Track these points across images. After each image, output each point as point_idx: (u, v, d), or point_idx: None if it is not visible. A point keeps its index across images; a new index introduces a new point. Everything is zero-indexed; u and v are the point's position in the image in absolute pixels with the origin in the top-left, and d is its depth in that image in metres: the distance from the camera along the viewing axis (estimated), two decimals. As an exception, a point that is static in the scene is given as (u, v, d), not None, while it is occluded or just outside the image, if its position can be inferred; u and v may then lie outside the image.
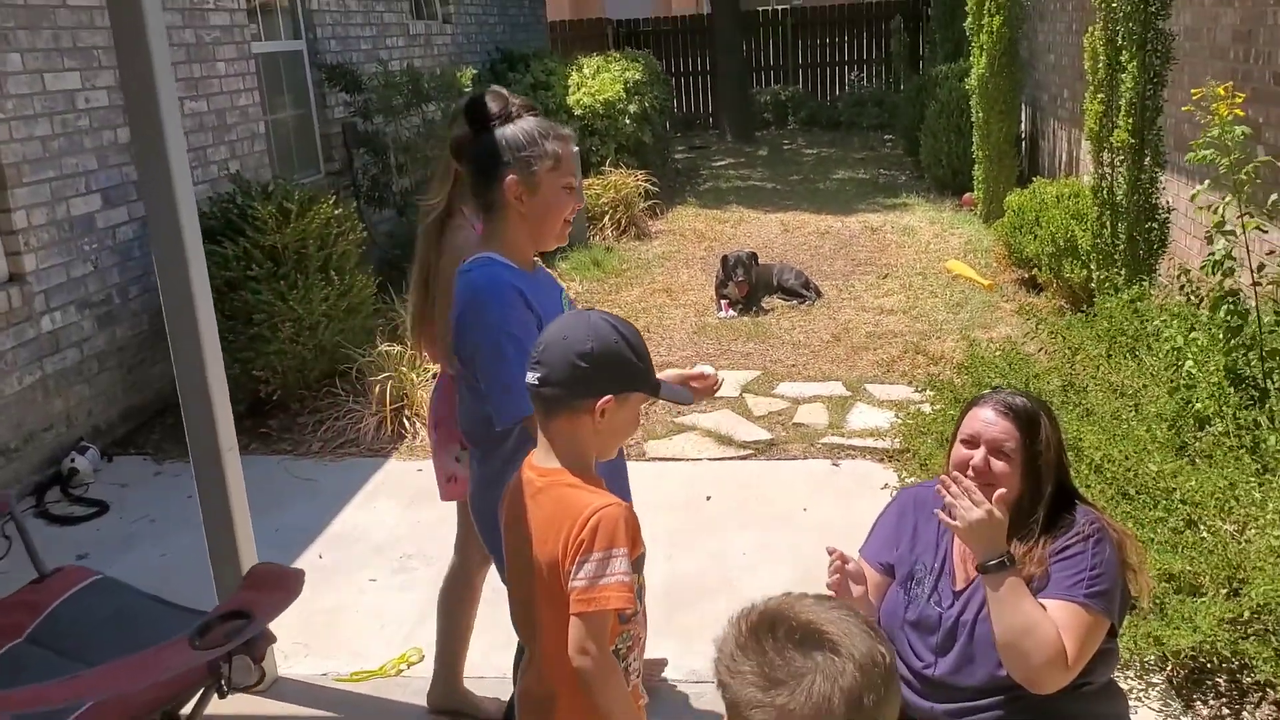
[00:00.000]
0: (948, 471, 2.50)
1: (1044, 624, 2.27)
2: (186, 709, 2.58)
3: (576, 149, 2.63)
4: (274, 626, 2.68)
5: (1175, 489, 3.60)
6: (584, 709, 1.97)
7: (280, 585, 2.54)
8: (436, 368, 6.07)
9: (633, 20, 19.40)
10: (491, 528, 2.39)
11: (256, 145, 7.41)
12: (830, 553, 2.45)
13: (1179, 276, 4.97)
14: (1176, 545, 3.37)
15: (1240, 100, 4.17)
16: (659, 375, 2.15)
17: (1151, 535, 3.44)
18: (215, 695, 2.40)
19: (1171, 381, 4.20)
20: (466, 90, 9.22)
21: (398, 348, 5.86)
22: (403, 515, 4.77)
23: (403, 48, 10.24)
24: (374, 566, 4.34)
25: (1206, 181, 4.27)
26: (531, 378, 1.97)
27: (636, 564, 2.00)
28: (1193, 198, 4.31)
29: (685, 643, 3.56)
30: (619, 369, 1.99)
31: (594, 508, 1.91)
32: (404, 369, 5.70)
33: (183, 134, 3.13)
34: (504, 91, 2.53)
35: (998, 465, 2.39)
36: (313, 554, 4.47)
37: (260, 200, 5.73)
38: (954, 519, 2.33)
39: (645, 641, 2.10)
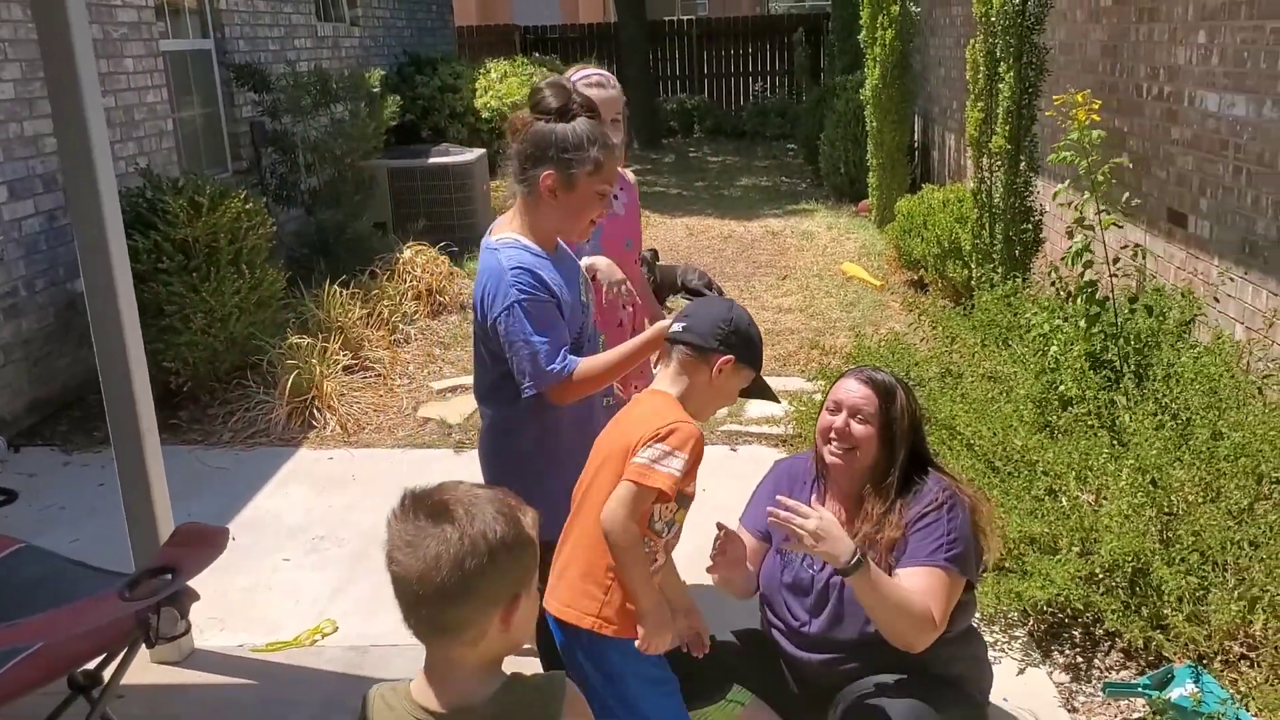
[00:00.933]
0: (815, 441, 2.77)
1: (912, 600, 2.49)
2: (111, 667, 2.70)
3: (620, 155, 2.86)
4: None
5: (1038, 461, 3.91)
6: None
7: (205, 541, 2.68)
8: (345, 360, 6.20)
9: (540, 27, 19.58)
10: (494, 468, 2.84)
11: (164, 142, 7.43)
12: (719, 528, 2.71)
13: (1050, 273, 5.35)
14: (1037, 511, 3.69)
15: (1098, 106, 4.54)
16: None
17: (1015, 503, 3.75)
18: (144, 645, 2.52)
19: (1038, 366, 4.54)
20: (375, 91, 9.30)
21: (307, 340, 5.96)
22: (315, 501, 4.88)
23: (310, 49, 10.28)
24: (287, 548, 4.45)
25: (1067, 181, 4.64)
26: (677, 327, 2.48)
27: (681, 500, 2.39)
28: (1054, 196, 4.68)
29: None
30: (745, 342, 2.49)
31: (678, 418, 2.38)
32: (313, 361, 5.80)
33: (104, 121, 3.24)
34: (568, 86, 2.68)
35: (857, 429, 2.67)
36: (226, 537, 4.56)
37: (171, 194, 5.77)
38: (797, 542, 2.48)
39: (661, 565, 2.45)
